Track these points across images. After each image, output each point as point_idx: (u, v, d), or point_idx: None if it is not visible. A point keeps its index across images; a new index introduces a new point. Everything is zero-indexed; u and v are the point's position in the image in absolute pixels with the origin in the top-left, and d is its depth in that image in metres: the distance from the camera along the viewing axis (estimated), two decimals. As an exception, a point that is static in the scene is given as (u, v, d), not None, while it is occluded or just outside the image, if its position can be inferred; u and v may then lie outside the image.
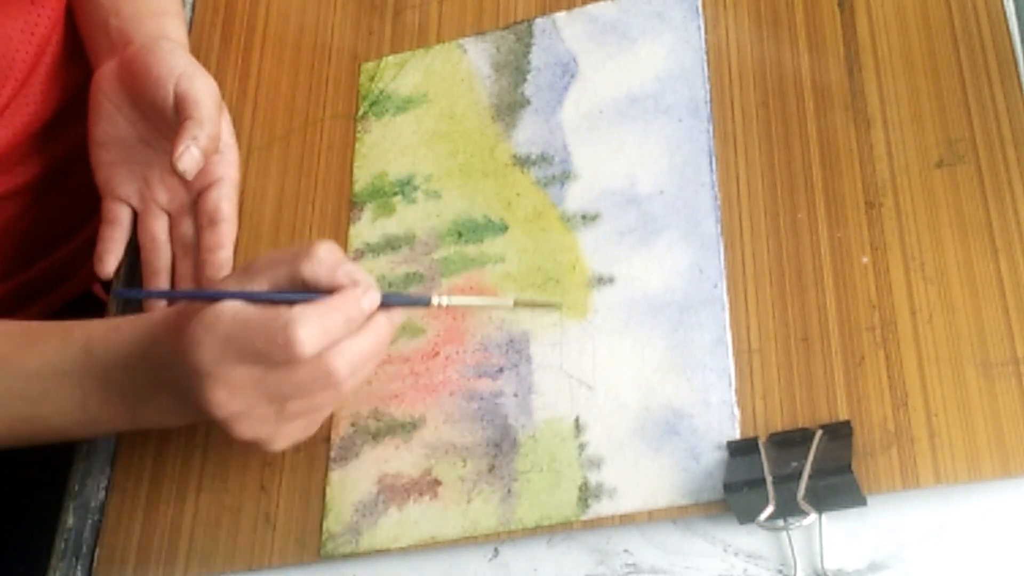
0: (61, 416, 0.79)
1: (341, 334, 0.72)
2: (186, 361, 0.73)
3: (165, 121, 0.88)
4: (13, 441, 0.81)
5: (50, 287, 1.06)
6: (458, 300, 0.79)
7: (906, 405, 0.71)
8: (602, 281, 0.81)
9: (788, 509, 0.69)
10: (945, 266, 0.74)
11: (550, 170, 0.86)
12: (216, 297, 0.74)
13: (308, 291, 0.74)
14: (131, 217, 0.92)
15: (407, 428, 0.80)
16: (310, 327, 0.71)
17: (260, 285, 0.75)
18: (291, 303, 0.73)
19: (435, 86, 0.92)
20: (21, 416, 0.80)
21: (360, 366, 0.74)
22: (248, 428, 0.74)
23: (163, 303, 0.87)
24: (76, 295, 1.09)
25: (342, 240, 0.89)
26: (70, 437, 0.83)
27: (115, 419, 0.79)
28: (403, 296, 0.77)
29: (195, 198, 0.90)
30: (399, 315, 0.77)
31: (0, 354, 0.80)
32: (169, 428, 0.82)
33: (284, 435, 0.76)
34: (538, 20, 0.92)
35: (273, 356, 0.71)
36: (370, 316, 0.74)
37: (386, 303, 0.75)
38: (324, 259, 0.74)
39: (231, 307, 0.73)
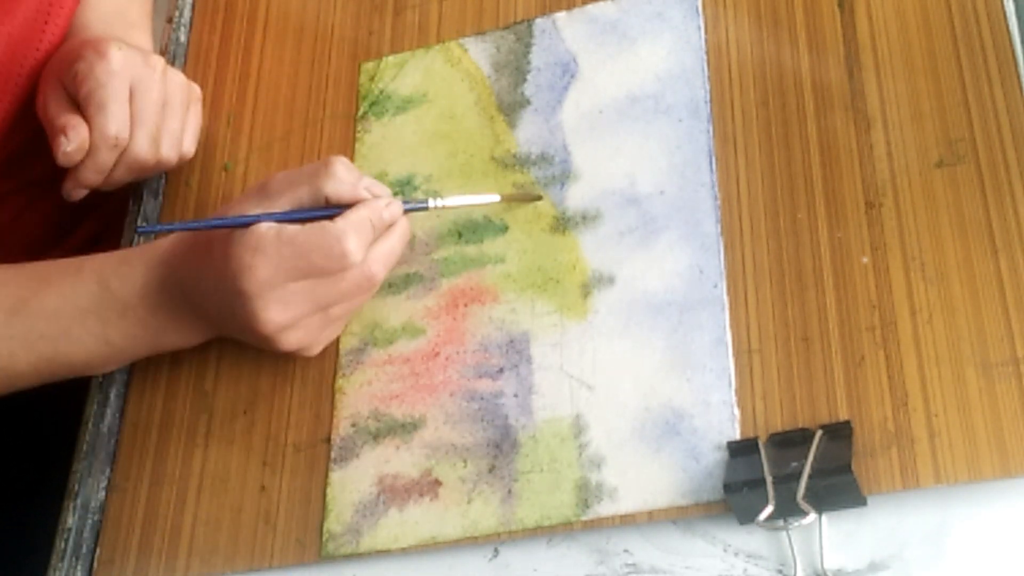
0: (84, 351, 0.82)
1: (371, 240, 0.80)
2: (233, 285, 0.77)
3: None
4: (36, 381, 0.84)
5: (43, 252, 1.06)
6: (449, 201, 0.84)
7: (906, 405, 0.71)
8: (602, 281, 0.81)
9: (788, 509, 0.69)
10: (945, 266, 0.74)
11: (550, 170, 0.86)
12: (249, 223, 0.78)
13: (331, 207, 0.80)
14: None
15: (407, 428, 0.80)
16: (356, 237, 0.78)
17: (282, 206, 0.79)
18: (323, 219, 0.79)
19: (435, 86, 0.92)
20: (44, 356, 0.82)
21: (391, 266, 0.82)
22: (295, 338, 0.80)
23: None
24: None
25: (342, 240, 0.89)
26: (95, 371, 0.86)
27: (137, 348, 0.83)
28: (408, 202, 0.84)
29: None
30: (409, 217, 0.84)
31: (17, 298, 0.82)
32: (191, 346, 0.85)
33: (323, 339, 0.82)
34: (538, 20, 0.92)
35: (328, 269, 0.78)
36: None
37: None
38: (344, 177, 0.80)
39: (271, 228, 0.78)
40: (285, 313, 0.78)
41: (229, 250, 0.78)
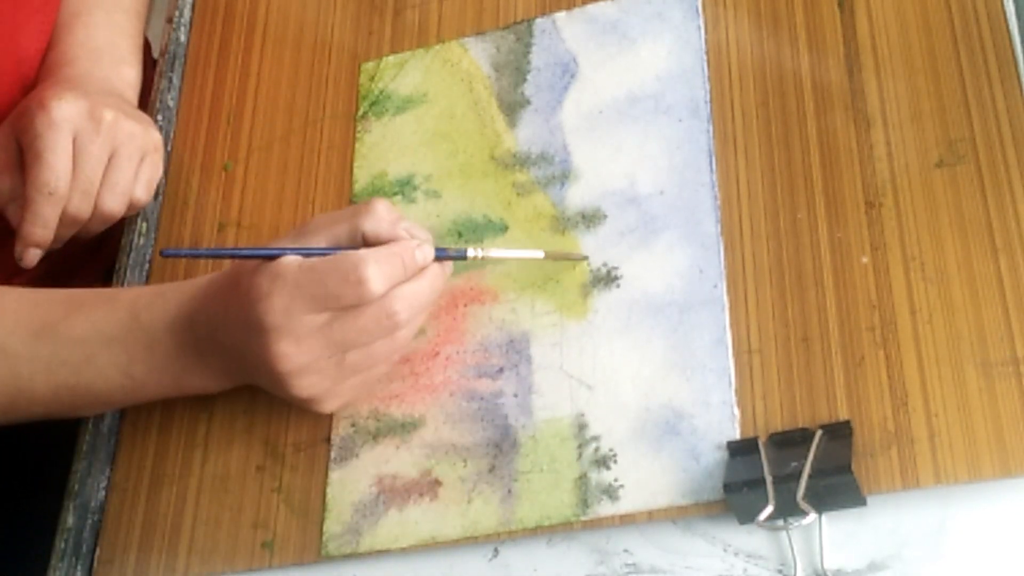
0: (105, 382, 0.81)
1: (400, 278, 0.76)
2: (251, 316, 0.75)
3: None
4: (57, 408, 0.83)
5: (58, 284, 1.06)
6: (492, 252, 0.82)
7: (906, 405, 0.71)
8: (602, 281, 0.81)
9: (788, 509, 0.69)
10: (945, 266, 0.74)
11: (550, 170, 0.86)
12: (274, 255, 0.76)
13: (368, 246, 0.77)
14: None
15: (407, 428, 0.80)
16: (377, 267, 0.74)
17: (319, 242, 0.77)
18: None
19: (435, 86, 0.92)
20: (65, 383, 0.81)
21: (416, 311, 0.77)
22: (308, 383, 0.77)
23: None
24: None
25: (342, 240, 0.89)
26: (112, 405, 0.85)
27: (160, 385, 0.81)
28: (445, 250, 0.80)
29: None
30: (448, 267, 0.80)
31: (46, 321, 0.81)
32: (211, 393, 0.82)
33: (338, 393, 0.78)
34: (538, 20, 0.92)
35: (344, 297, 0.74)
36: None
37: (436, 257, 0.79)
38: (384, 215, 0.78)
39: (295, 259, 0.76)
40: (299, 349, 0.75)
41: (252, 279, 0.76)
